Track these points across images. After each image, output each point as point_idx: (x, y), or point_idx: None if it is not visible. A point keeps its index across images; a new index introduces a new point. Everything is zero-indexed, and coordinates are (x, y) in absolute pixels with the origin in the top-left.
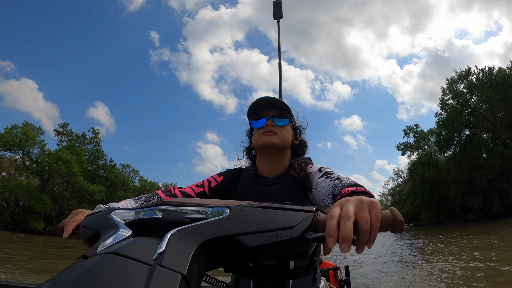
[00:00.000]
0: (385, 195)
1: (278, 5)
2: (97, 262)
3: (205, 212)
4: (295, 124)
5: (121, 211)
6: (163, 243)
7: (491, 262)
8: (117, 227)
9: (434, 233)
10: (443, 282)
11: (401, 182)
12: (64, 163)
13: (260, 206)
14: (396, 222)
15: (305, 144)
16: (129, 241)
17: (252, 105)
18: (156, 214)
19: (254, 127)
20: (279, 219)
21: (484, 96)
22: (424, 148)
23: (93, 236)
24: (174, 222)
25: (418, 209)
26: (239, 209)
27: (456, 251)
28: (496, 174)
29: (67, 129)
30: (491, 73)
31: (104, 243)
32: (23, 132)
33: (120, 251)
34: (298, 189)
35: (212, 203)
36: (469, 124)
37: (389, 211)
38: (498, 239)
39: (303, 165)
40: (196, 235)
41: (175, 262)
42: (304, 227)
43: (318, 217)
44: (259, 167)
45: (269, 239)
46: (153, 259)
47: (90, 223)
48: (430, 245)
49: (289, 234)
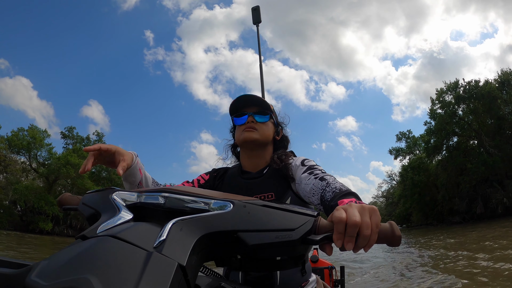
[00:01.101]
0: (378, 197)
1: (256, 10)
2: (95, 244)
3: (207, 204)
4: (276, 121)
5: (123, 192)
6: (164, 231)
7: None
8: (118, 209)
9: (421, 234)
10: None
11: (394, 184)
12: (73, 166)
13: (264, 205)
14: (394, 236)
15: (286, 139)
16: (130, 225)
17: (233, 102)
18: (158, 199)
19: (236, 124)
20: (280, 220)
21: (470, 107)
22: (415, 153)
23: (92, 214)
24: (175, 210)
25: (409, 211)
26: (243, 205)
27: (434, 249)
28: (479, 180)
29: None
30: (477, 85)
31: (104, 224)
32: (30, 135)
33: (120, 234)
34: (280, 180)
35: (215, 196)
36: (455, 133)
37: (388, 224)
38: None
39: (283, 157)
40: (198, 227)
41: (176, 252)
42: (304, 230)
43: (319, 222)
44: (242, 163)
45: (269, 239)
46: (153, 247)
47: (90, 201)
48: (415, 247)
49: (289, 236)
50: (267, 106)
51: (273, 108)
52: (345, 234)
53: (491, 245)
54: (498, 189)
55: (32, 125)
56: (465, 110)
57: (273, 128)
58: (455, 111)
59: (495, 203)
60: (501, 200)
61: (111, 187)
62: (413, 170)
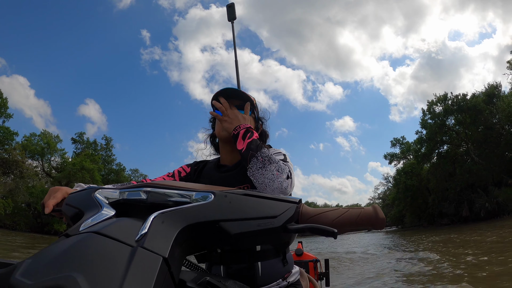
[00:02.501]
0: (375, 198)
1: (231, 7)
2: (79, 241)
3: (189, 196)
4: (257, 116)
5: (105, 190)
6: (146, 224)
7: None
8: (101, 207)
9: (409, 235)
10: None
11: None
12: (88, 171)
13: (245, 194)
14: (377, 219)
15: (265, 134)
16: (112, 221)
17: (215, 95)
18: (140, 195)
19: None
20: (262, 207)
21: (458, 118)
22: (409, 158)
23: (76, 214)
24: (158, 204)
25: (403, 213)
26: (224, 195)
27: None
28: (464, 186)
29: (83, 137)
30: (464, 99)
31: (86, 222)
32: (44, 141)
33: (102, 230)
34: None
35: (196, 188)
36: (444, 142)
37: (371, 208)
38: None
39: None
40: (179, 219)
41: (157, 245)
42: (286, 217)
43: (302, 209)
44: (221, 157)
45: (251, 227)
46: (135, 241)
47: (73, 201)
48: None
49: (271, 224)
50: (249, 100)
51: (255, 103)
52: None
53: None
54: (481, 195)
55: (45, 130)
56: (454, 121)
57: (254, 123)
58: (444, 122)
59: (478, 208)
60: (484, 205)
61: (94, 186)
62: (406, 175)
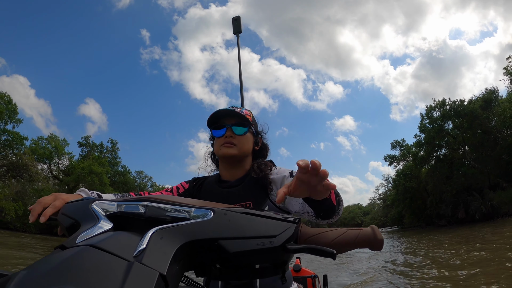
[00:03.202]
0: (375, 199)
1: (237, 21)
2: (75, 254)
3: (188, 212)
4: (256, 130)
5: (103, 202)
6: (144, 240)
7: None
8: (98, 219)
9: (408, 235)
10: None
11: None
12: (97, 175)
13: (244, 212)
14: (376, 240)
15: (266, 148)
16: (110, 234)
17: (212, 115)
18: (138, 208)
19: (214, 136)
20: (262, 227)
21: (456, 123)
22: (408, 160)
23: (72, 225)
24: (155, 219)
25: (402, 214)
26: (223, 213)
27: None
28: (460, 189)
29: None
30: (461, 104)
31: (83, 234)
32: (52, 145)
33: (99, 244)
34: (258, 190)
35: (195, 204)
36: (442, 146)
37: (369, 229)
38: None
39: (262, 166)
40: (178, 235)
41: (156, 261)
42: (286, 237)
43: (301, 228)
44: (221, 173)
45: (251, 246)
46: (133, 256)
47: (69, 211)
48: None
49: (270, 243)
50: (245, 118)
51: (252, 118)
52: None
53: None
54: (477, 198)
55: (52, 134)
56: (451, 126)
57: (252, 139)
58: (442, 127)
59: (473, 210)
60: (478, 207)
61: (91, 197)
62: (405, 177)
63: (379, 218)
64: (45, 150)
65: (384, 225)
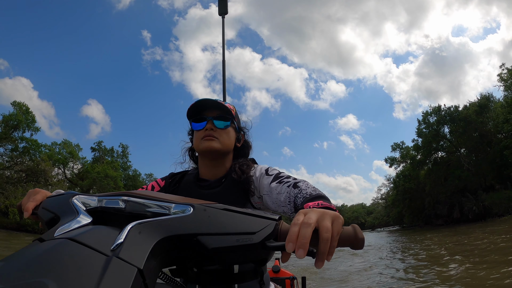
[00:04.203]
0: (378, 199)
1: (224, 1)
2: (53, 247)
3: (168, 208)
4: (238, 126)
5: (83, 196)
6: (122, 234)
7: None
8: (77, 213)
9: (405, 234)
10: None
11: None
12: (112, 179)
13: (224, 209)
14: (357, 239)
15: (248, 146)
16: (88, 228)
17: (192, 106)
18: (118, 204)
19: (194, 129)
20: (241, 223)
21: (452, 127)
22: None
23: (51, 219)
24: (135, 214)
25: (402, 213)
26: (203, 209)
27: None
28: (455, 190)
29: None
30: (456, 110)
31: (62, 227)
32: (67, 150)
33: (77, 237)
34: (238, 192)
35: (175, 200)
36: (438, 149)
37: (351, 227)
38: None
39: (244, 167)
40: (157, 230)
41: (133, 255)
42: (265, 234)
43: (281, 226)
44: (200, 170)
45: (230, 243)
46: (110, 250)
47: (50, 205)
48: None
49: (250, 240)
50: (228, 111)
51: (235, 112)
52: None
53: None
54: (470, 199)
55: (65, 139)
56: (447, 130)
57: (234, 134)
58: (438, 131)
59: (467, 210)
60: (471, 208)
61: (72, 191)
62: (404, 178)
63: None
64: (60, 155)
65: (386, 225)
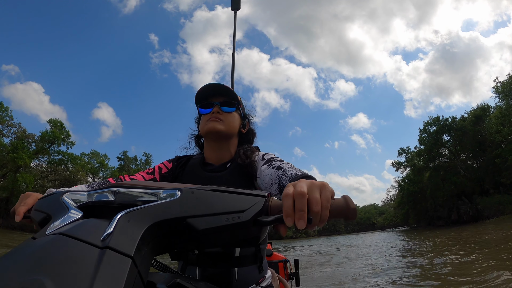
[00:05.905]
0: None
1: None
2: (45, 243)
3: (156, 194)
4: (243, 113)
5: (73, 193)
6: (111, 224)
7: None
8: (68, 209)
9: (406, 232)
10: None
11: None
12: None
13: (212, 189)
14: (348, 209)
15: (252, 133)
16: (78, 222)
17: (199, 91)
18: (107, 196)
19: (201, 113)
20: (230, 202)
21: (452, 136)
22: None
23: (44, 218)
24: (126, 205)
25: (407, 215)
26: (190, 191)
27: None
28: (452, 194)
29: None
30: (453, 121)
31: (53, 224)
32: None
33: (68, 232)
34: (243, 176)
35: (164, 186)
36: (438, 156)
37: (342, 198)
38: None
39: (248, 153)
40: (146, 217)
41: (123, 244)
42: (255, 210)
43: (271, 202)
44: (206, 154)
45: (219, 222)
46: (100, 240)
47: (42, 206)
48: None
49: (239, 218)
50: (235, 96)
51: (240, 100)
52: (294, 210)
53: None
54: (466, 202)
55: (94, 150)
56: (447, 139)
57: (240, 120)
58: (437, 140)
59: (462, 213)
60: (466, 211)
61: (63, 189)
62: (409, 182)
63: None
64: (91, 165)
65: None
